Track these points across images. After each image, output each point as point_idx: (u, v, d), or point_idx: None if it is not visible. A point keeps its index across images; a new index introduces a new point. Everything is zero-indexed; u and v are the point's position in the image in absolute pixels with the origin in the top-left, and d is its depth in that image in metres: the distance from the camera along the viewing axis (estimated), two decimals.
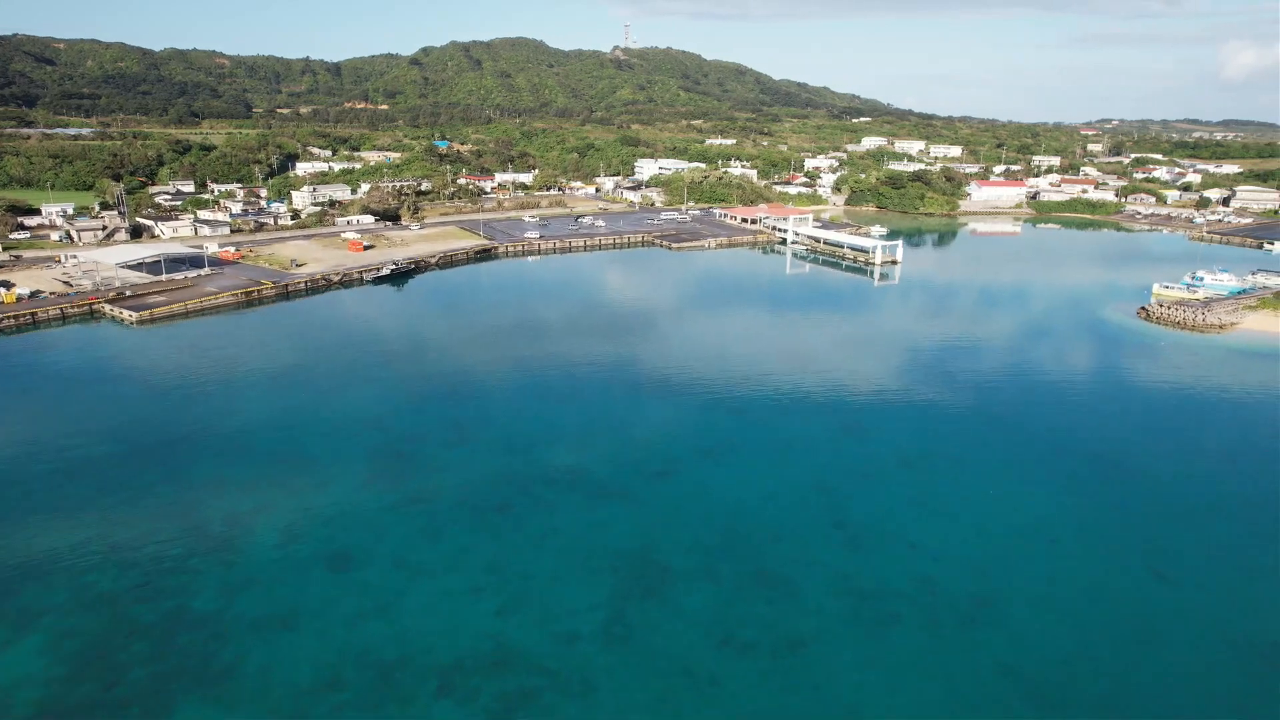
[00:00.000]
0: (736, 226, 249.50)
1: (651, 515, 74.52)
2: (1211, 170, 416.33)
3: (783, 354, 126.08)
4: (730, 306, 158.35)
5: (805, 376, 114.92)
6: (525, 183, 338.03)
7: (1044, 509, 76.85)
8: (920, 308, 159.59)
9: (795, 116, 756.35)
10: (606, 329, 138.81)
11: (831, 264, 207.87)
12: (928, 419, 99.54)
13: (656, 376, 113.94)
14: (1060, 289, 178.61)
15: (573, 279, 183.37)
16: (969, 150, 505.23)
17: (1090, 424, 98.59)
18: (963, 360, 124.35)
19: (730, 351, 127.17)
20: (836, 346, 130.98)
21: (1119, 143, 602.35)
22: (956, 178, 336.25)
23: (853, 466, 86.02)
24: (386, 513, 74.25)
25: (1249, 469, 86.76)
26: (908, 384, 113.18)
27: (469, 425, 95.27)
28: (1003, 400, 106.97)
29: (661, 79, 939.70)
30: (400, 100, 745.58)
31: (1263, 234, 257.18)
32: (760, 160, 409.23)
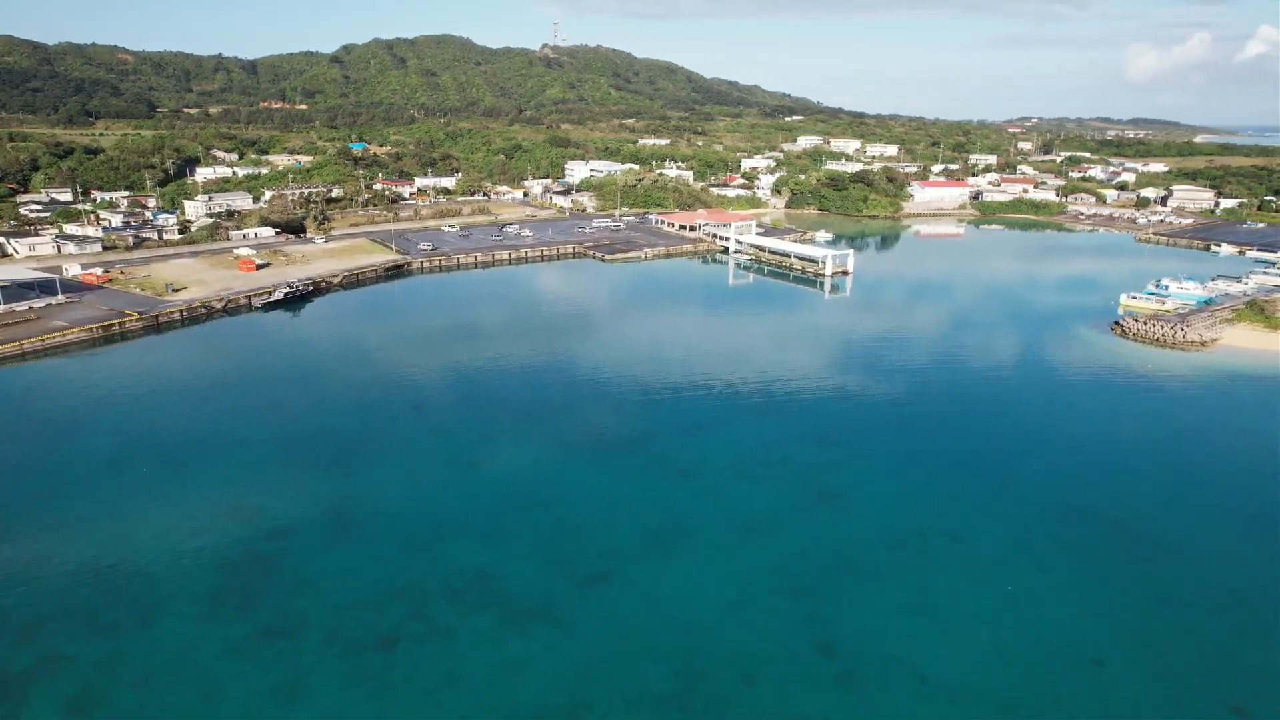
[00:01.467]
0: (674, 234, 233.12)
1: (583, 646, 56.77)
2: (1141, 169, 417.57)
3: (733, 389, 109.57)
4: (669, 330, 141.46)
5: (761, 419, 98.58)
6: (448, 187, 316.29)
7: (1074, 610, 61.65)
8: (878, 327, 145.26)
9: (729, 115, 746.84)
10: (529, 367, 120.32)
11: (778, 275, 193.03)
12: (909, 477, 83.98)
13: (589, 429, 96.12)
14: (1024, 301, 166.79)
15: (494, 299, 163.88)
16: (905, 149, 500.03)
17: (1096, 477, 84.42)
18: (935, 396, 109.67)
19: (673, 388, 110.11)
20: (792, 378, 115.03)
21: (1048, 141, 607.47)
22: (898, 178, 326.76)
23: (832, 551, 69.66)
24: (225, 658, 54.88)
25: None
26: (879, 427, 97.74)
27: (355, 509, 75.94)
28: (990, 448, 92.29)
29: (592, 77, 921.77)
30: (320, 100, 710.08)
31: (1207, 235, 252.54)
32: (696, 161, 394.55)
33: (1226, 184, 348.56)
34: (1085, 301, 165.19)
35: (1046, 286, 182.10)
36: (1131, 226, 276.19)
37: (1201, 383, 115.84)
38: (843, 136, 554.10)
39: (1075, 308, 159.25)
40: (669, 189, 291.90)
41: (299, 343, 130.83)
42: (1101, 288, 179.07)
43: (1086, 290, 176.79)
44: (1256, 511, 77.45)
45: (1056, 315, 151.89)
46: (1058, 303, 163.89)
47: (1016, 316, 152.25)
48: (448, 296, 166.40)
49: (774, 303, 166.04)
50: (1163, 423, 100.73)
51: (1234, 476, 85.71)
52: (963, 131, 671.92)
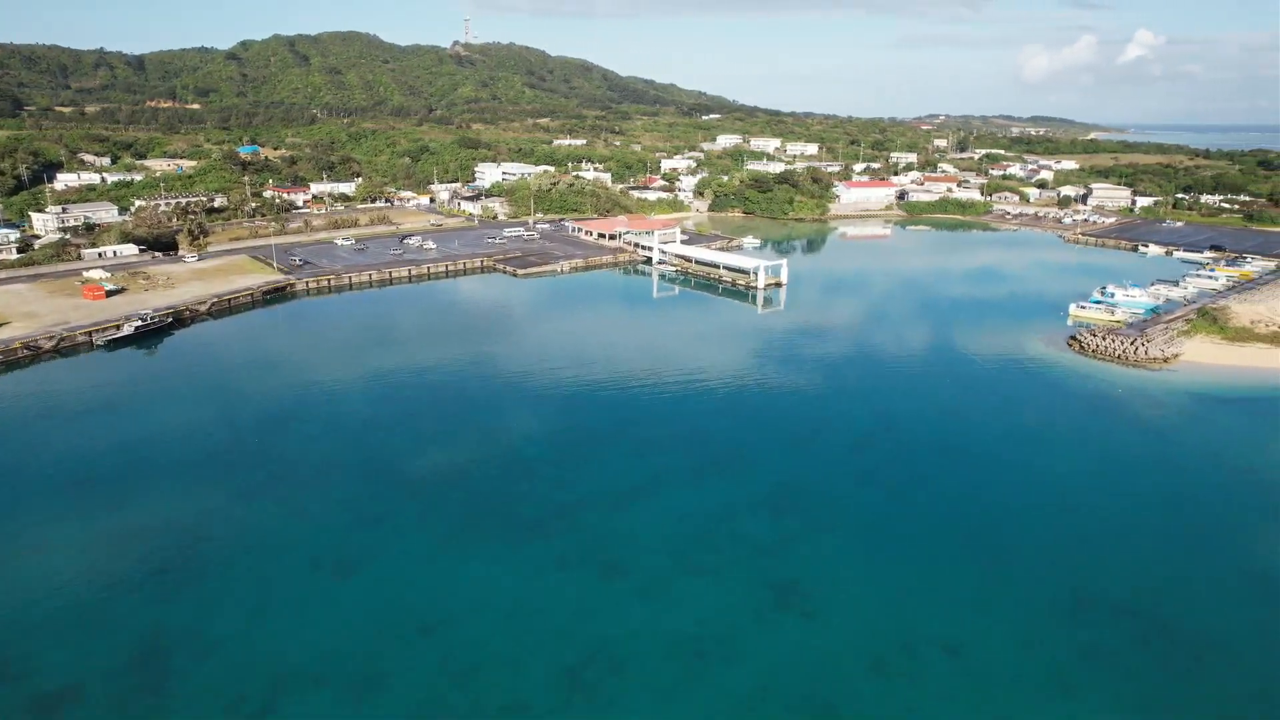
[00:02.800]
0: (593, 244, 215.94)
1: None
2: (1055, 166, 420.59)
3: (666, 438, 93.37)
4: (588, 363, 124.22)
5: (701, 480, 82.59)
6: (347, 194, 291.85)
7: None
8: (819, 350, 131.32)
9: (646, 114, 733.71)
10: (420, 420, 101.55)
11: (706, 287, 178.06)
12: (882, 558, 69.14)
13: (493, 504, 78.32)
14: (972, 314, 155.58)
15: (385, 328, 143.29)
16: (826, 148, 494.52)
17: (1098, 545, 71.22)
18: (894, 437, 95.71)
19: (596, 440, 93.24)
20: (733, 421, 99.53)
21: (963, 138, 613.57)
22: (823, 179, 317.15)
23: (802, 684, 53.93)
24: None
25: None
26: (837, 483, 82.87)
27: (172, 652, 56.54)
28: (968, 507, 78.26)
29: (505, 76, 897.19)
30: (215, 99, 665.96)
31: (1133, 235, 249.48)
32: (614, 162, 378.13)
33: (1139, 182, 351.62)
34: (1033, 312, 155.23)
35: (990, 295, 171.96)
36: (1057, 226, 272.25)
37: (1177, 408, 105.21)
38: (762, 135, 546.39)
39: (1025, 320, 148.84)
40: (586, 193, 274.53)
41: (137, 397, 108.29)
42: (1046, 295, 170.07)
43: (1032, 299, 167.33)
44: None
45: (1009, 330, 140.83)
46: (1007, 315, 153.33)
47: (967, 333, 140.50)
48: (332, 326, 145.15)
49: (704, 322, 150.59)
50: (1152, 464, 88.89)
51: (1253, 531, 73.79)
52: (879, 129, 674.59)
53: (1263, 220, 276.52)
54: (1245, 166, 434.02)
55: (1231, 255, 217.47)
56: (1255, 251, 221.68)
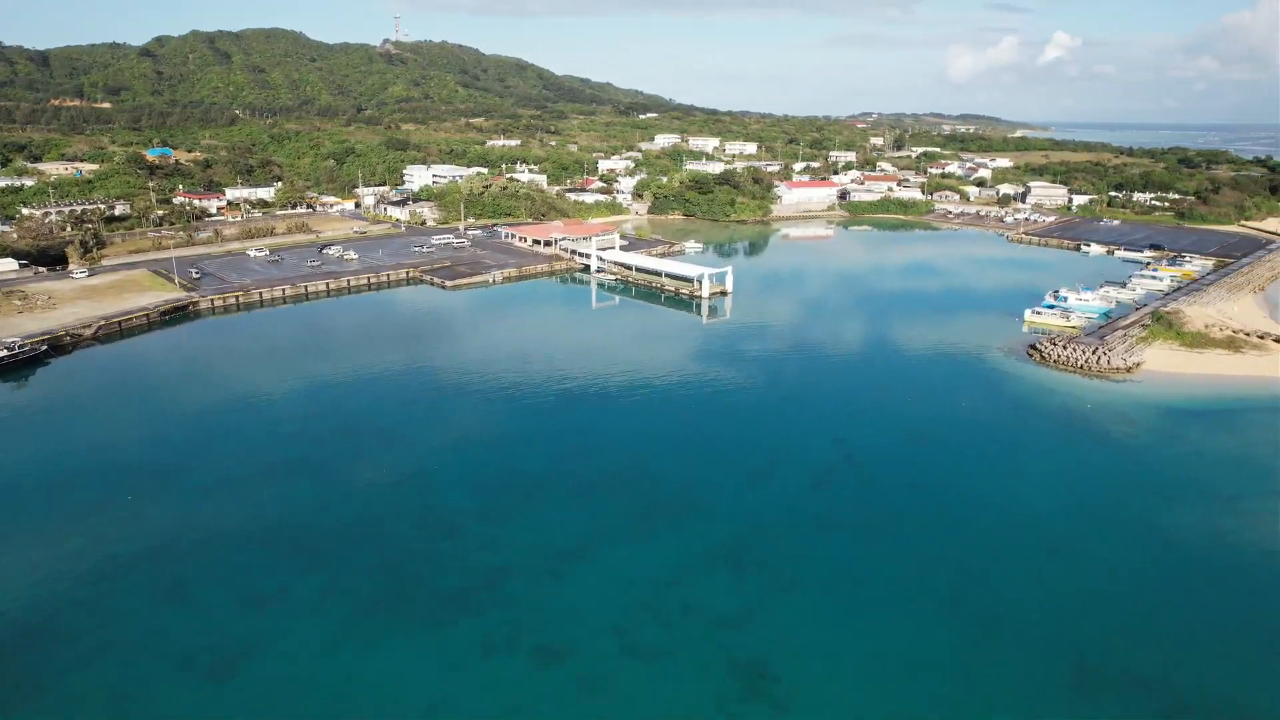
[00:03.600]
0: (527, 251, 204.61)
1: None
2: (990, 164, 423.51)
3: (606, 478, 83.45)
4: (520, 386, 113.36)
5: (648, 531, 72.87)
6: (266, 199, 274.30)
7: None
8: (769, 367, 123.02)
9: (582, 113, 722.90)
10: (324, 471, 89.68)
11: (648, 296, 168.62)
12: (858, 624, 60.44)
13: (410, 575, 67.30)
14: (926, 322, 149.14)
15: (294, 353, 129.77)
16: (765, 147, 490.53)
17: (1099, 600, 63.76)
18: (857, 468, 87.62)
19: (526, 484, 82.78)
20: (680, 455, 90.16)
21: (900, 137, 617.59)
22: (765, 179, 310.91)
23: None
24: None
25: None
26: (799, 528, 74.06)
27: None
28: (949, 554, 70.14)
29: (438, 75, 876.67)
30: (127, 98, 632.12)
31: (1075, 234, 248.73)
32: (549, 163, 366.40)
33: (1074, 180, 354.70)
34: (988, 318, 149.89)
35: (943, 301, 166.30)
36: (1000, 225, 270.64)
37: (1147, 425, 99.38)
38: (700, 134, 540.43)
39: (980, 326, 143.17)
40: (520, 196, 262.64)
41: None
42: (998, 298, 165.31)
43: (984, 303, 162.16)
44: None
45: (966, 339, 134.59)
46: (962, 322, 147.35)
47: (924, 344, 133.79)
48: (235, 351, 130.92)
49: (646, 336, 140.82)
50: (1134, 493, 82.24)
51: (1252, 576, 67.25)
52: (816, 127, 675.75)
53: (1194, 218, 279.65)
54: (1168, 164, 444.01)
55: (1170, 254, 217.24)
56: (1192, 250, 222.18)
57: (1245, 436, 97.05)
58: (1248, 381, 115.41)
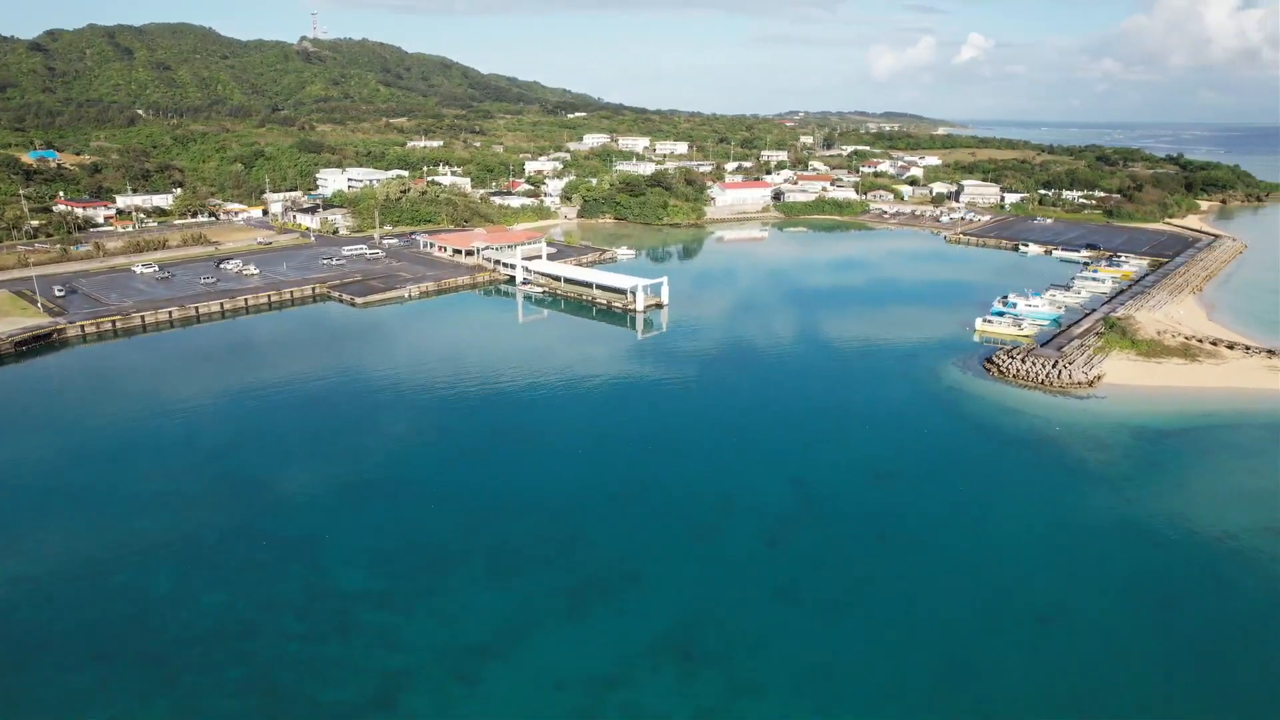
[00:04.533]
0: (447, 261, 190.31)
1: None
2: (920, 162, 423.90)
3: (530, 545, 71.50)
4: (429, 415, 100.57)
5: (581, 612, 61.27)
6: (163, 207, 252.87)
7: None
8: (709, 389, 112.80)
9: (509, 113, 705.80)
10: (186, 563, 75.45)
11: (579, 310, 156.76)
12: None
13: (278, 697, 54.24)
14: (872, 331, 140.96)
15: (172, 388, 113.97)
16: (696, 146, 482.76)
17: (1097, 691, 54.67)
18: (818, 521, 77.55)
19: (431, 558, 70.28)
20: (614, 513, 78.83)
21: (829, 135, 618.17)
22: (697, 180, 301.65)
23: None
24: None
25: None
26: (761, 608, 63.40)
27: None
28: (926, 638, 60.39)
29: (358, 73, 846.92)
30: (14, 95, 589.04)
31: (1012, 234, 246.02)
32: (474, 165, 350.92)
33: (1004, 178, 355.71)
34: (938, 326, 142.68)
35: (889, 309, 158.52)
36: (936, 225, 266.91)
37: (1121, 449, 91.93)
38: (629, 134, 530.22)
39: (932, 337, 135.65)
40: (441, 201, 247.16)
41: None
42: (944, 305, 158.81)
43: (931, 310, 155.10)
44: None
45: (918, 352, 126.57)
46: (911, 332, 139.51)
47: (875, 359, 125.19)
48: (101, 390, 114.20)
49: (575, 358, 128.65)
50: (1119, 537, 74.02)
51: (1270, 638, 59.25)
52: (745, 126, 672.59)
53: (1121, 216, 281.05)
54: (1088, 162, 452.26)
55: (1107, 254, 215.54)
56: (1125, 249, 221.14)
57: (1220, 460, 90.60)
58: (1210, 395, 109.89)
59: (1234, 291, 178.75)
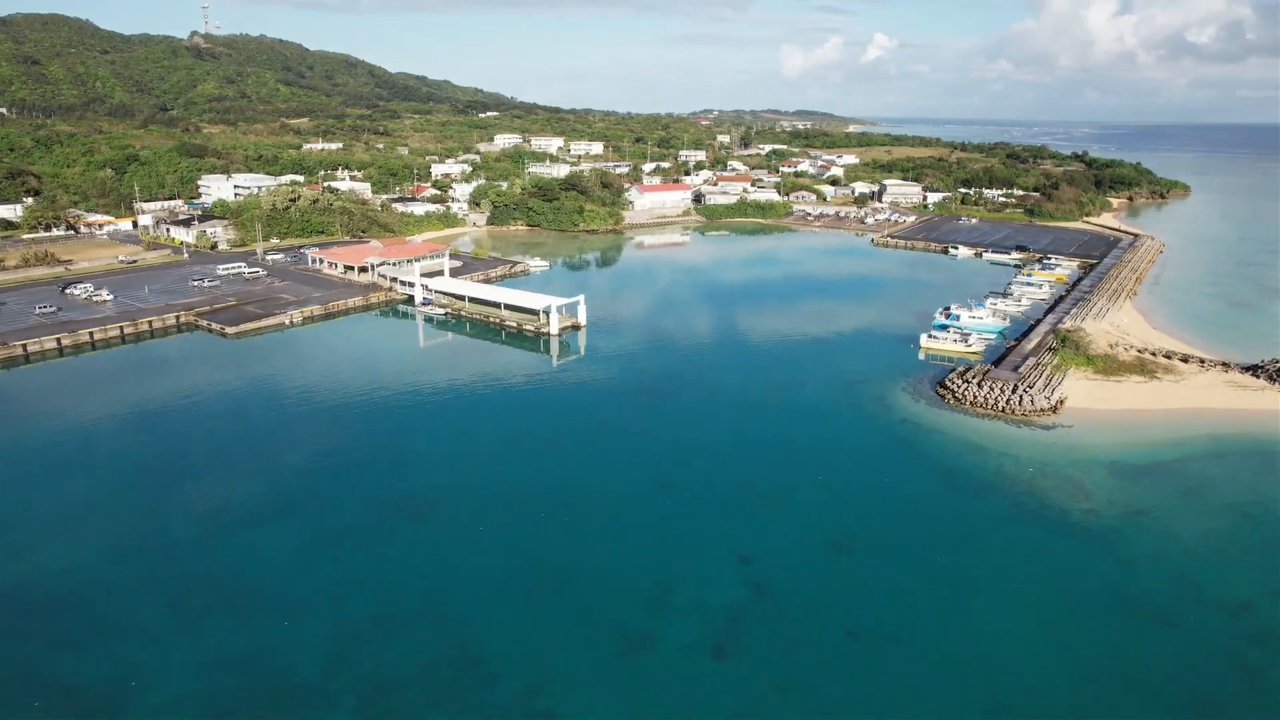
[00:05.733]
0: (338, 279, 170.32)
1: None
2: (839, 161, 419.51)
3: (404, 673, 55.34)
4: (300, 483, 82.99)
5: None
6: (10, 219, 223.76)
7: None
8: (634, 431, 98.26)
9: (418, 113, 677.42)
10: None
11: (486, 333, 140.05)
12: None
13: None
14: (811, 350, 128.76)
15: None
16: (611, 146, 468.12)
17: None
18: (772, 611, 63.57)
19: (285, 694, 53.40)
20: (524, 616, 63.28)
21: (746, 134, 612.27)
22: (614, 183, 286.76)
23: None
24: None
25: None
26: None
27: None
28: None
29: (256, 71, 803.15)
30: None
31: (940, 236, 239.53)
32: (376, 169, 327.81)
33: (924, 177, 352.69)
34: (880, 344, 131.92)
35: (825, 324, 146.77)
36: (861, 227, 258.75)
37: (1104, 495, 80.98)
38: (543, 134, 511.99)
39: (875, 357, 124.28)
40: (336, 210, 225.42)
41: None
42: (884, 317, 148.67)
43: (870, 324, 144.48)
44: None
45: (864, 377, 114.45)
46: (853, 352, 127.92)
47: (819, 386, 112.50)
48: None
49: (480, 395, 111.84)
50: (1127, 615, 62.43)
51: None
52: (661, 125, 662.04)
53: (1043, 215, 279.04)
54: (999, 159, 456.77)
55: (1036, 256, 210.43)
56: (1053, 250, 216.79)
57: (1208, 501, 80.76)
58: (1177, 420, 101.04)
59: (1165, 295, 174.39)
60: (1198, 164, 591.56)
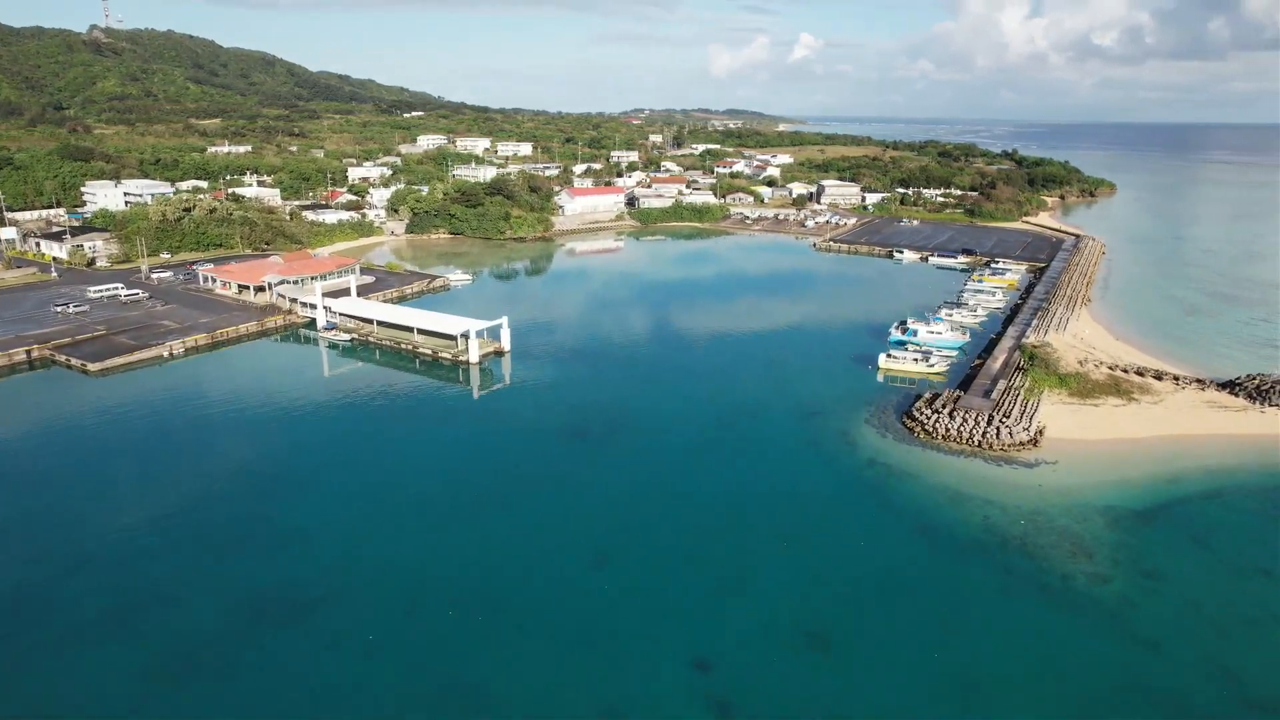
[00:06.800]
0: (233, 301, 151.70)
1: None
2: (773, 161, 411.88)
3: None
4: (172, 558, 66.94)
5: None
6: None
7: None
8: (568, 480, 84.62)
9: (339, 113, 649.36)
10: None
11: (398, 362, 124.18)
12: None
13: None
14: (761, 374, 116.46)
15: None
16: (541, 146, 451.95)
17: None
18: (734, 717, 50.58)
19: None
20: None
21: (679, 133, 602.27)
22: (543, 187, 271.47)
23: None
24: None
25: None
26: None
27: None
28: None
29: (164, 68, 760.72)
30: None
31: (881, 239, 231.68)
32: (287, 173, 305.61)
33: (861, 177, 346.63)
34: (834, 365, 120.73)
35: (773, 339, 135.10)
36: (802, 230, 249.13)
37: (1107, 553, 70.38)
38: (469, 134, 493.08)
39: (832, 382, 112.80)
40: (236, 220, 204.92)
41: None
42: (833, 331, 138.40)
43: (822, 341, 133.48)
44: None
45: (819, 406, 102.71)
46: (806, 375, 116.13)
47: (769, 419, 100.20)
48: None
49: (389, 438, 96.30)
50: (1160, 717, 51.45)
51: None
52: (592, 124, 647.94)
53: (983, 216, 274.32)
54: (932, 157, 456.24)
55: (983, 260, 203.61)
56: (1000, 254, 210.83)
57: (1222, 555, 71.16)
58: (1165, 450, 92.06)
59: (1118, 301, 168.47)
60: (1114, 162, 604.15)
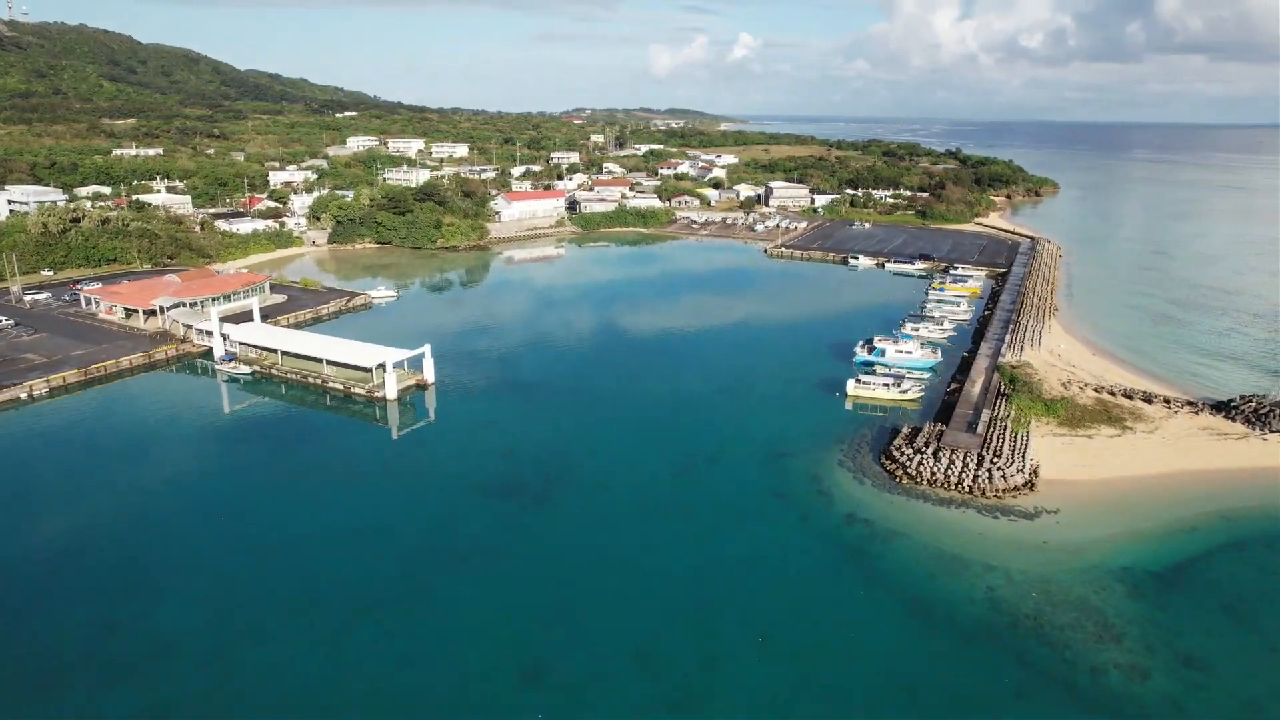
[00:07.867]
0: (118, 327, 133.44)
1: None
2: (718, 161, 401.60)
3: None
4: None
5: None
6: None
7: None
8: (499, 548, 71.09)
9: (267, 113, 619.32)
10: None
11: (306, 400, 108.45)
12: None
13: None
14: (718, 402, 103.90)
15: None
16: (477, 148, 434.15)
17: None
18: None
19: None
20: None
21: (621, 134, 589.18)
22: (478, 192, 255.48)
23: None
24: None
25: None
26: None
27: None
28: None
29: (75, 65, 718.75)
30: None
31: (835, 243, 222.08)
32: (201, 178, 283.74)
33: (809, 177, 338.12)
34: (798, 392, 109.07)
35: (730, 362, 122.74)
36: (752, 235, 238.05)
37: (1135, 631, 59.34)
38: (403, 135, 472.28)
39: (797, 411, 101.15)
40: (134, 232, 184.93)
41: None
42: (794, 351, 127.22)
43: (782, 363, 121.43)
44: None
45: (785, 446, 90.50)
46: (767, 406, 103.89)
47: (730, 463, 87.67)
48: None
49: (284, 504, 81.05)
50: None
51: None
52: (532, 125, 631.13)
53: (935, 217, 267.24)
54: (876, 156, 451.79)
55: (941, 265, 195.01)
56: (957, 258, 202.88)
57: (1262, 628, 61.15)
58: (1172, 490, 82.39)
59: (1085, 310, 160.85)
60: (1050, 160, 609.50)
